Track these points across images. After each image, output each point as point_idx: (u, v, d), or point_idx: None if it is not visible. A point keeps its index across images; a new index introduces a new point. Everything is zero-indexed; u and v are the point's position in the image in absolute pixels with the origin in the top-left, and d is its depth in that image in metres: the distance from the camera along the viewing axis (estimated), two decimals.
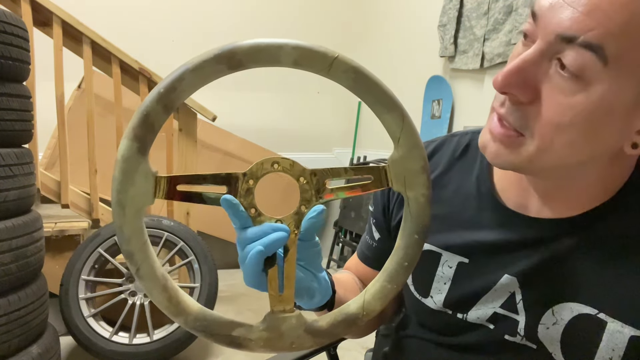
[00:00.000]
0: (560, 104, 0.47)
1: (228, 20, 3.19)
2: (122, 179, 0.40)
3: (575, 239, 0.57)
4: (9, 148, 1.40)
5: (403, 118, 0.42)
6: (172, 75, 0.40)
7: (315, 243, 0.48)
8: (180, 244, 1.95)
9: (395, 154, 0.43)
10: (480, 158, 0.66)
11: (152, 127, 0.40)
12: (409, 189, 0.43)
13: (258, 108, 3.36)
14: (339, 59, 0.40)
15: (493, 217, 0.62)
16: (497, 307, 0.60)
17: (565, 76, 0.46)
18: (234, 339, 0.44)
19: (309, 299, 0.52)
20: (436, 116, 2.78)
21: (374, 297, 0.45)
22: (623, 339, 0.53)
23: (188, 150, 2.22)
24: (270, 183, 0.45)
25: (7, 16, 1.38)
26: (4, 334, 1.33)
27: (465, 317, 0.62)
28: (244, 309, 2.54)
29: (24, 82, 1.50)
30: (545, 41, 0.47)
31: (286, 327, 0.44)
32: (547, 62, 0.47)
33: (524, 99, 0.49)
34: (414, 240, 0.44)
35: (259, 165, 0.43)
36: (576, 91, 0.46)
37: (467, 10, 2.54)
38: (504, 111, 0.51)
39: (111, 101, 2.20)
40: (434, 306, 0.65)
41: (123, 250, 0.41)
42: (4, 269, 1.33)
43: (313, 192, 0.44)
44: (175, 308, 0.42)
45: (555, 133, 0.48)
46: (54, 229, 2.06)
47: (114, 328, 1.85)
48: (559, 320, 0.56)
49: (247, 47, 0.40)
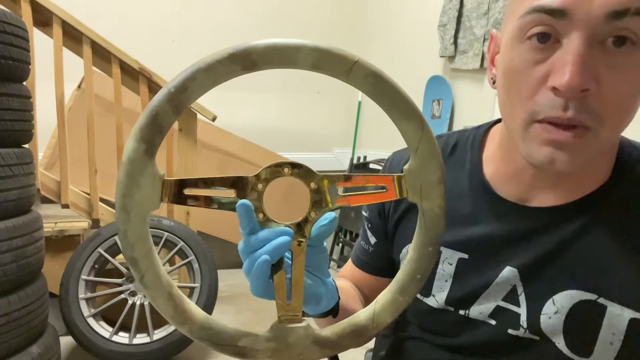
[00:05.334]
0: (626, 78, 0.48)
1: (228, 20, 3.19)
2: (127, 183, 0.38)
3: (572, 225, 0.57)
4: (9, 148, 1.40)
5: (423, 127, 0.40)
6: (183, 75, 0.38)
7: (323, 249, 0.47)
8: (180, 244, 1.95)
9: (413, 164, 0.41)
10: (470, 155, 0.67)
11: (161, 129, 0.38)
12: (424, 200, 0.42)
13: (258, 108, 3.36)
14: (359, 63, 0.39)
15: (491, 211, 0.62)
16: (499, 300, 0.60)
17: (622, 50, 0.47)
18: (240, 349, 0.42)
19: (316, 305, 0.51)
20: (436, 116, 2.78)
21: (384, 308, 0.44)
22: (623, 321, 0.54)
23: (188, 150, 2.22)
24: (271, 184, 0.44)
25: (7, 16, 1.38)
26: (4, 334, 1.33)
27: (468, 314, 0.62)
28: (244, 309, 2.54)
29: (24, 82, 1.50)
30: (590, 27, 0.46)
31: (294, 338, 0.42)
32: (597, 46, 0.47)
33: (593, 89, 0.48)
34: (428, 252, 0.43)
35: (269, 169, 0.42)
36: (635, 59, 0.47)
37: (467, 10, 2.54)
38: (571, 114, 0.48)
39: (111, 101, 2.20)
40: (436, 305, 0.65)
41: (127, 257, 0.40)
42: (4, 269, 1.33)
43: (324, 197, 0.42)
44: (180, 317, 0.41)
45: (627, 108, 0.50)
46: (54, 229, 2.06)
47: (114, 328, 1.85)
48: (560, 308, 0.56)
49: (263, 47, 0.38)
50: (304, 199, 0.43)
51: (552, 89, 0.49)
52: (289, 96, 3.45)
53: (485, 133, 0.68)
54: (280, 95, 3.43)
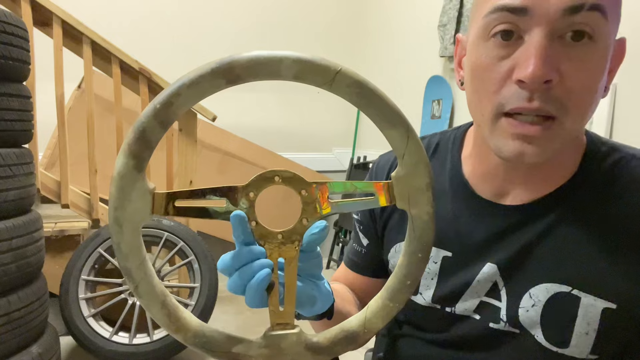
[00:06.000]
0: (585, 69, 0.51)
1: (228, 20, 3.19)
2: (118, 196, 0.39)
3: (545, 220, 0.59)
4: (9, 148, 1.40)
5: (408, 134, 0.41)
6: (168, 90, 0.38)
7: (316, 254, 0.48)
8: (180, 244, 1.95)
9: (400, 171, 0.42)
10: (450, 155, 0.69)
11: (149, 143, 0.39)
12: (412, 207, 0.42)
13: (258, 108, 3.36)
14: (341, 72, 0.39)
15: (471, 210, 0.64)
16: (483, 295, 0.62)
17: (580, 44, 0.50)
18: (233, 355, 0.43)
19: (310, 307, 0.52)
20: (436, 116, 2.78)
21: (375, 315, 0.44)
22: (596, 311, 0.55)
23: (188, 150, 2.22)
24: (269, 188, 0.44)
25: (7, 16, 1.38)
26: (4, 334, 1.33)
27: (454, 310, 0.64)
28: (244, 309, 2.54)
29: (24, 82, 1.50)
30: (549, 22, 0.49)
31: (286, 344, 0.43)
32: (557, 40, 0.50)
33: (555, 80, 0.50)
34: (417, 258, 0.43)
35: (259, 177, 0.42)
36: (593, 52, 0.51)
37: (467, 10, 2.54)
38: (537, 104, 0.51)
39: (111, 101, 2.20)
40: (424, 302, 0.67)
41: (121, 267, 0.41)
42: (4, 269, 1.33)
43: (315, 205, 0.43)
44: (174, 325, 0.42)
45: (589, 98, 0.52)
46: (54, 229, 2.06)
47: (114, 328, 1.85)
48: (536, 302, 0.58)
49: (246, 61, 0.38)
50: (298, 204, 0.43)
51: (518, 82, 0.51)
52: (289, 96, 3.45)
53: (464, 133, 0.71)
54: (280, 95, 3.43)
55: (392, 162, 0.74)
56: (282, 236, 0.43)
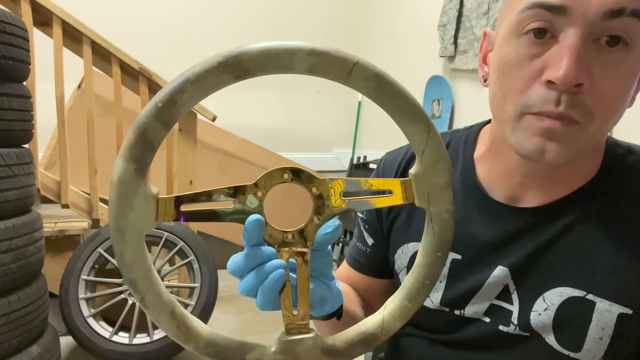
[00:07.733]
0: (617, 76, 0.49)
1: (228, 19, 3.19)
2: (120, 204, 0.36)
3: (560, 223, 0.58)
4: (9, 148, 1.40)
5: (429, 130, 0.38)
6: (170, 87, 0.35)
7: (327, 252, 0.46)
8: (180, 244, 1.95)
9: (419, 168, 0.40)
10: (462, 155, 0.67)
11: (151, 146, 0.35)
12: (432, 205, 0.40)
13: (258, 108, 3.36)
14: (359, 64, 0.36)
15: (482, 212, 0.63)
16: (493, 299, 0.61)
17: (615, 49, 0.48)
18: None
19: (321, 308, 0.50)
20: (436, 116, 2.78)
21: (393, 316, 0.43)
22: (612, 317, 0.55)
23: (188, 150, 2.22)
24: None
25: (7, 16, 1.38)
26: (4, 334, 1.33)
27: (463, 313, 0.63)
28: (244, 309, 2.54)
29: (24, 82, 1.50)
30: (587, 24, 0.47)
31: (302, 349, 0.41)
32: (592, 44, 0.49)
33: (586, 85, 0.48)
34: (437, 257, 0.42)
35: (268, 175, 0.40)
36: (627, 59, 0.49)
37: (467, 10, 2.54)
38: (562, 108, 0.49)
39: (111, 101, 2.20)
40: (432, 305, 0.65)
41: (125, 278, 0.38)
42: (4, 269, 1.33)
43: (327, 203, 0.41)
44: (185, 335, 0.40)
45: (617, 106, 0.51)
46: (54, 229, 2.06)
47: (114, 328, 1.85)
48: (549, 305, 0.57)
49: (255, 53, 0.35)
50: (303, 200, 0.42)
51: (547, 83, 0.49)
52: (289, 96, 3.45)
53: (477, 133, 0.69)
54: (280, 95, 3.43)
55: (401, 159, 0.72)
56: (292, 236, 0.41)
